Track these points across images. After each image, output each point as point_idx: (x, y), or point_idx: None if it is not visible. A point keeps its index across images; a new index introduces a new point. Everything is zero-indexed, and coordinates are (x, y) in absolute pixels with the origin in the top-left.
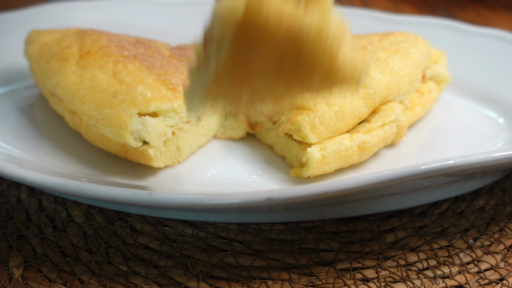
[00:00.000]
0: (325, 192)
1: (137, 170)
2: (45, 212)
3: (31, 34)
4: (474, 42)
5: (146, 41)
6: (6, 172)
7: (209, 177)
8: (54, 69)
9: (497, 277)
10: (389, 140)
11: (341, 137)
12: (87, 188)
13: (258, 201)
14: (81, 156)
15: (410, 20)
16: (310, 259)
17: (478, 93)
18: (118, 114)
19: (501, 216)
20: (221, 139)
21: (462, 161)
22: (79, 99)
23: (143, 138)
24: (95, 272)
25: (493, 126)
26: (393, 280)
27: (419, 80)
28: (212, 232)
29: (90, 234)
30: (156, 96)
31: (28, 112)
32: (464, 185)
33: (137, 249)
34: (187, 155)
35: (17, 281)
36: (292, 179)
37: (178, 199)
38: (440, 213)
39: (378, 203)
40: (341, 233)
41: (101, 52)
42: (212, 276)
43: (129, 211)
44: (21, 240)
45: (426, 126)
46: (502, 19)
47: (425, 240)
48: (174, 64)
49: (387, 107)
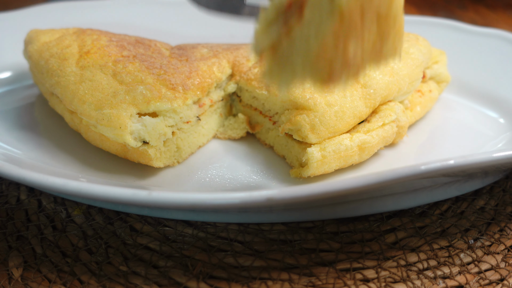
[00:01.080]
0: (325, 192)
1: (137, 170)
2: (44, 212)
3: (30, 33)
4: (475, 42)
5: (146, 41)
6: (6, 172)
7: (209, 177)
8: (53, 69)
9: (497, 278)
10: (389, 140)
11: (341, 137)
12: (87, 188)
13: (258, 201)
14: (80, 156)
15: (411, 20)
16: (310, 259)
17: (479, 93)
18: (117, 114)
19: (501, 216)
20: (221, 139)
21: (463, 161)
22: (79, 99)
23: (143, 138)
24: (95, 272)
25: (494, 126)
26: (393, 280)
27: (419, 80)
28: (212, 232)
29: (90, 234)
30: (156, 96)
31: (28, 112)
32: (464, 185)
33: (137, 249)
34: (187, 155)
35: (16, 281)
36: (292, 179)
37: (178, 199)
38: (440, 213)
39: (378, 203)
40: (341, 233)
41: (101, 52)
42: (212, 276)
43: (129, 211)
44: (20, 240)
45: (427, 126)
46: (503, 18)
47: (426, 240)
48: (174, 64)
49: (387, 107)
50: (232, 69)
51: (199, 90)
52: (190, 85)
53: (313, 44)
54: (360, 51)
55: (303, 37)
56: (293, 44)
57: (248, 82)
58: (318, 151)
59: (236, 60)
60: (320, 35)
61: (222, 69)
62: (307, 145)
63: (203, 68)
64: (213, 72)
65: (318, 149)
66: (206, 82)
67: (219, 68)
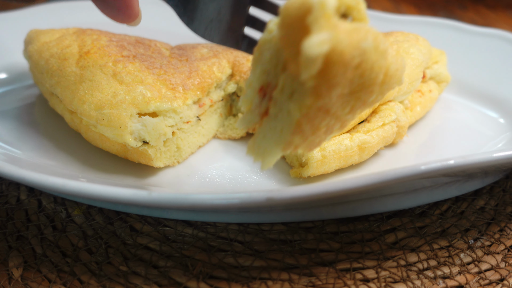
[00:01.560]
0: (325, 192)
1: (137, 170)
2: (44, 212)
3: (30, 33)
4: (475, 42)
5: (146, 41)
6: (6, 172)
7: (209, 177)
8: (53, 69)
9: (497, 278)
10: (389, 140)
11: (341, 137)
12: (87, 188)
13: (258, 201)
14: (81, 156)
15: (411, 20)
16: (310, 259)
17: (479, 93)
18: (117, 114)
19: (501, 216)
20: (221, 139)
21: (463, 161)
22: (79, 99)
23: (143, 138)
24: (95, 272)
25: (494, 126)
26: (393, 280)
27: (419, 80)
28: (212, 232)
29: (90, 234)
30: (156, 96)
31: (28, 112)
32: (464, 185)
33: (137, 249)
34: (187, 155)
35: (16, 281)
36: (292, 179)
37: (178, 199)
38: (440, 213)
39: (378, 203)
40: (341, 233)
41: (101, 52)
42: (212, 276)
43: (129, 211)
44: (20, 241)
45: (427, 126)
46: (503, 18)
47: (426, 241)
48: (174, 64)
49: (387, 107)
50: (232, 69)
51: (199, 90)
52: (190, 85)
53: (285, 129)
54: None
55: (273, 126)
56: (266, 127)
57: None
58: (318, 151)
59: (236, 60)
60: (288, 125)
61: (222, 69)
62: None
63: (203, 68)
64: (213, 72)
65: (318, 149)
66: (206, 82)
67: (219, 68)
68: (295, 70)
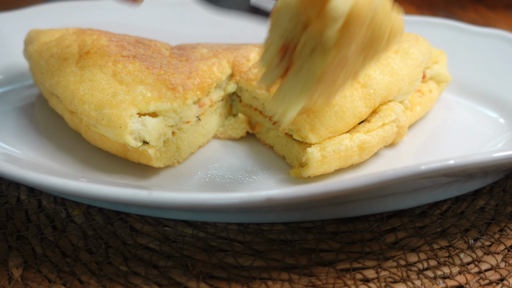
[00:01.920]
0: (325, 192)
1: (137, 170)
2: (44, 212)
3: (30, 33)
4: (475, 42)
5: (146, 41)
6: (6, 172)
7: (209, 177)
8: (53, 69)
9: (497, 278)
10: (389, 140)
11: (341, 137)
12: (87, 188)
13: (258, 201)
14: (81, 156)
15: (411, 20)
16: (310, 259)
17: (479, 93)
18: (117, 114)
19: (501, 216)
20: (221, 139)
21: (463, 161)
22: (79, 99)
23: (143, 138)
24: (95, 272)
25: (494, 126)
26: (393, 280)
27: (419, 80)
28: (212, 232)
29: (90, 234)
30: (156, 96)
31: (28, 112)
32: (464, 185)
33: (137, 249)
34: (187, 155)
35: (16, 281)
36: (292, 179)
37: (178, 199)
38: (440, 213)
39: (378, 203)
40: (341, 233)
41: (101, 52)
42: (212, 276)
43: (129, 211)
44: (20, 241)
45: (427, 126)
46: (503, 18)
47: (426, 241)
48: (174, 64)
49: (387, 107)
50: (232, 69)
51: (199, 90)
52: (190, 85)
53: (309, 79)
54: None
55: (296, 78)
56: (290, 80)
57: (248, 82)
58: (318, 151)
59: (236, 60)
60: (312, 76)
61: (222, 69)
62: (307, 145)
63: (203, 68)
64: (213, 72)
65: (318, 149)
66: (206, 82)
67: (219, 68)
68: (319, 27)
